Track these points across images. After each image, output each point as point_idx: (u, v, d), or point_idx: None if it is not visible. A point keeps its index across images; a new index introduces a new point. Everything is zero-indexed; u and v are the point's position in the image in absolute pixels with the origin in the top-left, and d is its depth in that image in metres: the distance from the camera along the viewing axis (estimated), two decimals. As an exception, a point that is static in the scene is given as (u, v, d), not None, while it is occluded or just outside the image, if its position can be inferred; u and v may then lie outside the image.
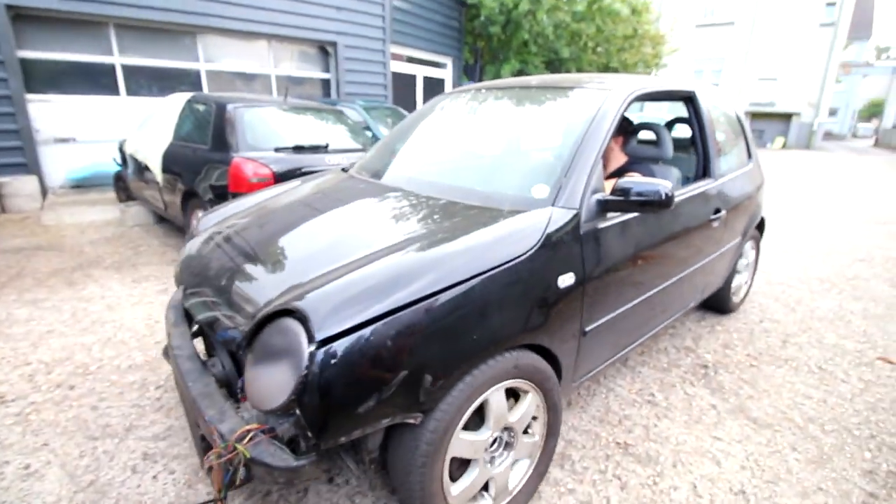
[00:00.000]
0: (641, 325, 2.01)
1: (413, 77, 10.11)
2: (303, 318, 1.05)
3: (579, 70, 11.59)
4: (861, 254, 4.64)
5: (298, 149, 3.69)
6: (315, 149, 3.80)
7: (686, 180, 2.34)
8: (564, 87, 2.08)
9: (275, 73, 7.59)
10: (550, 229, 1.40)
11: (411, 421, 1.15)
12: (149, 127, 4.64)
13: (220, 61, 6.97)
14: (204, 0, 6.33)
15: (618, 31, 11.41)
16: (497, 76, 11.44)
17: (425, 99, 10.36)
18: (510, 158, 2.07)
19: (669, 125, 2.77)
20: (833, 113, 27.74)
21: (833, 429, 2.04)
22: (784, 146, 20.59)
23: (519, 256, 1.31)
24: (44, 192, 5.71)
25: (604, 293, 1.62)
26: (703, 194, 2.23)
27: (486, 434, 1.33)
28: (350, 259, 1.28)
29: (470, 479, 1.34)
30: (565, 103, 2.01)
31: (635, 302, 1.82)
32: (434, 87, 10.76)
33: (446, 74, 10.99)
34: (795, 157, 16.71)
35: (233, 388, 1.31)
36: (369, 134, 5.78)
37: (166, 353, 1.68)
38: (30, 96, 5.58)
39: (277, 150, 3.61)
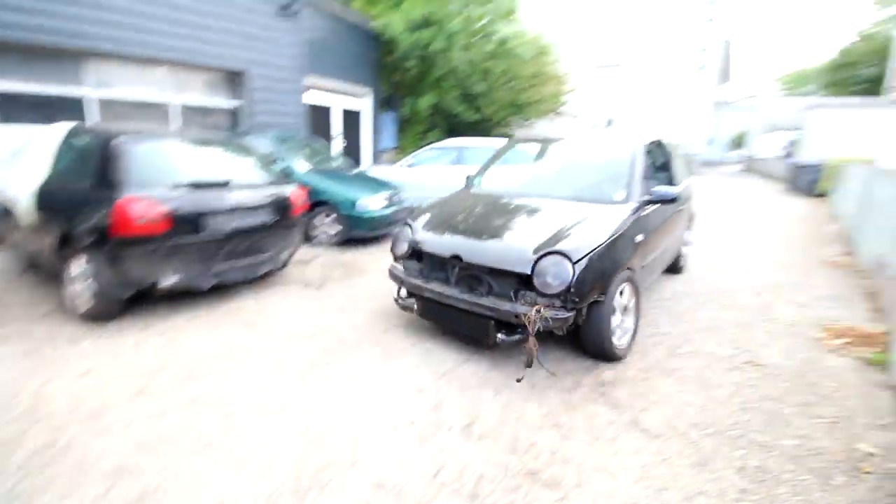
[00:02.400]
0: (656, 269, 3.72)
1: (328, 108, 10.07)
2: (567, 255, 2.50)
3: (491, 104, 12.27)
4: (727, 264, 5.32)
5: (196, 186, 3.48)
6: (215, 185, 3.61)
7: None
8: (610, 139, 4.04)
9: (176, 101, 7.14)
10: (631, 211, 3.02)
11: (602, 298, 2.64)
12: (19, 160, 4.11)
13: (114, 88, 6.41)
14: (94, 24, 5.82)
15: (524, 71, 12.33)
16: (415, 108, 11.76)
17: (344, 129, 10.33)
18: (594, 179, 3.56)
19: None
20: (709, 142, 31.99)
21: (711, 432, 2.28)
22: (672, 172, 23.19)
23: (625, 222, 2.90)
24: None
25: (648, 246, 3.23)
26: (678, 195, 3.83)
27: (622, 302, 2.93)
28: (559, 227, 2.78)
29: (617, 320, 2.85)
30: (614, 147, 3.73)
31: (657, 253, 3.50)
32: (352, 118, 10.78)
33: (364, 106, 11.09)
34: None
35: (509, 295, 2.65)
36: (280, 167, 5.63)
37: (398, 301, 3.19)
38: None
39: (173, 187, 3.38)
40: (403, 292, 3.18)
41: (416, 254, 3.06)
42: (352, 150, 10.86)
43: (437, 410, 2.38)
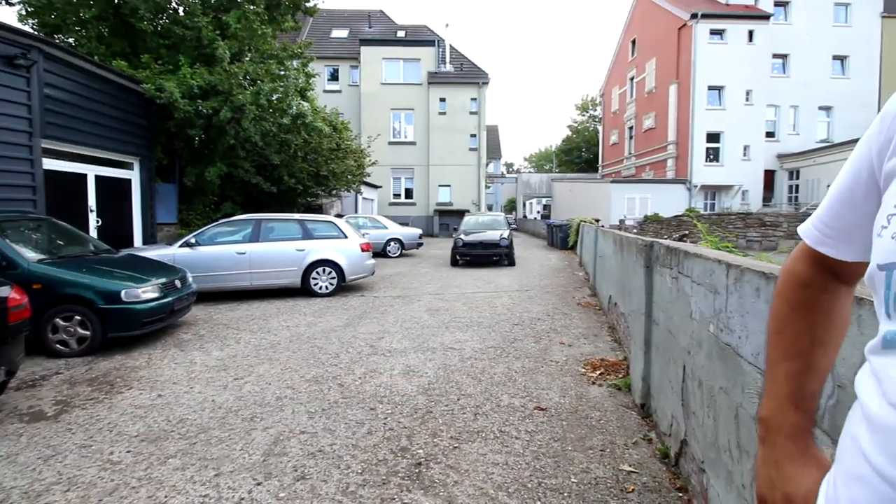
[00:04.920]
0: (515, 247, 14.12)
1: (83, 176, 8.24)
2: (506, 237, 12.27)
3: (291, 175, 12.01)
4: (517, 317, 6.17)
5: None
6: None
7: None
8: (494, 214, 15.54)
9: None
10: (509, 230, 13.39)
11: (512, 247, 12.96)
12: None
13: None
14: None
15: (323, 145, 12.56)
16: (201, 178, 10.60)
17: (101, 200, 8.50)
18: (496, 223, 14.11)
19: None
20: (490, 208, 38.03)
21: (515, 489, 2.43)
22: (466, 234, 26.63)
23: (510, 234, 12.94)
24: None
25: (511, 239, 12.78)
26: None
27: (516, 249, 15.35)
28: (493, 230, 13.18)
29: (516, 253, 14.17)
30: (497, 216, 14.98)
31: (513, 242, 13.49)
32: (117, 188, 9.04)
33: (133, 175, 9.47)
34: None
35: (495, 248, 12.25)
36: (-8, 258, 4.21)
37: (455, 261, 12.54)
38: None
39: None
40: (457, 258, 12.25)
41: (465, 244, 11.84)
42: (119, 227, 9.01)
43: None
